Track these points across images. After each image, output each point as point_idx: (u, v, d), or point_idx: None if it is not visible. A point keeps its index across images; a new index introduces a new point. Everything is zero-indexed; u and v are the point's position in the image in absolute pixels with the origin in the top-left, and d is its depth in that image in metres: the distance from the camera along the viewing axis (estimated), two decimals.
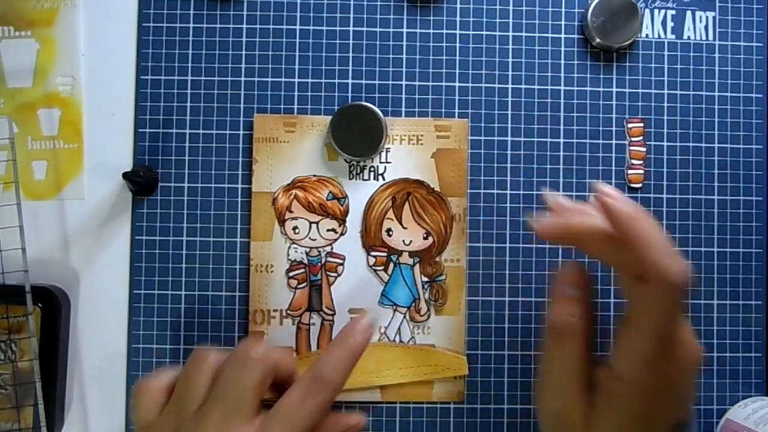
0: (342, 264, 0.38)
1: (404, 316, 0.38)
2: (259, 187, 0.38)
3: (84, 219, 0.38)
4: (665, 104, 0.40)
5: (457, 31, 0.39)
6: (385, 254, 0.39)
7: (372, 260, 0.39)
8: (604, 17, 0.38)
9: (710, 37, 0.40)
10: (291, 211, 0.38)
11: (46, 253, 0.38)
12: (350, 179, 0.39)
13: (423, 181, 0.39)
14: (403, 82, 0.39)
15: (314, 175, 0.39)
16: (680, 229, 0.40)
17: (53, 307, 0.36)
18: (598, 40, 0.38)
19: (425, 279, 0.39)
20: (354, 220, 0.38)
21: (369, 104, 0.38)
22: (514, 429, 0.38)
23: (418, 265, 0.39)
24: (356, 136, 0.38)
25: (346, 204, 0.39)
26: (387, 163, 0.39)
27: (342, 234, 0.38)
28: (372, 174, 0.39)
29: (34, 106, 0.38)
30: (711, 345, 0.39)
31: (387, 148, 0.39)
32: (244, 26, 0.39)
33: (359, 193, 0.39)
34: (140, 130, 0.39)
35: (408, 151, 0.39)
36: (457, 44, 0.39)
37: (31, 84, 0.38)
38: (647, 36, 0.40)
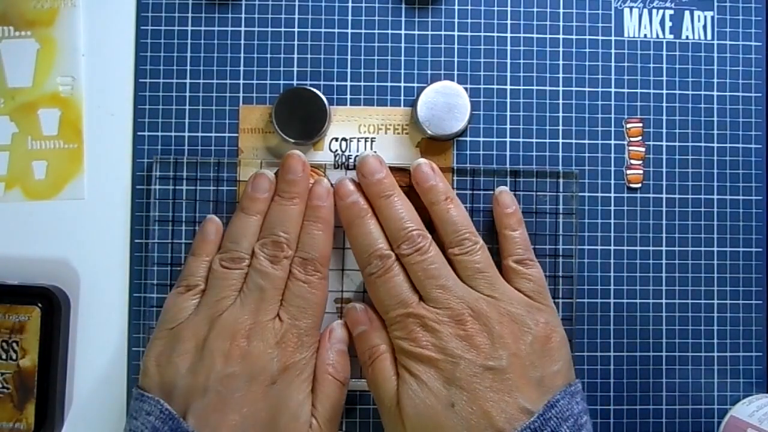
0: None
1: None
2: (245, 176, 0.38)
3: (84, 219, 0.39)
4: (664, 104, 0.40)
5: (456, 33, 0.39)
6: None
7: None
8: None
9: (709, 36, 0.40)
10: None
11: (46, 253, 0.38)
12: (335, 168, 0.39)
13: (408, 170, 0.38)
14: (402, 84, 0.39)
15: None
16: (680, 229, 0.40)
17: (53, 307, 0.36)
18: None
19: None
20: None
21: (314, 89, 0.38)
22: None
23: None
24: (298, 120, 0.37)
25: None
26: (372, 152, 0.39)
27: None
28: None
29: (34, 106, 0.39)
30: (711, 345, 0.39)
31: (372, 138, 0.39)
32: (243, 29, 0.39)
33: None
34: (139, 133, 0.39)
35: (393, 141, 0.39)
36: (456, 45, 0.39)
37: (31, 84, 0.39)
38: (646, 36, 0.40)
